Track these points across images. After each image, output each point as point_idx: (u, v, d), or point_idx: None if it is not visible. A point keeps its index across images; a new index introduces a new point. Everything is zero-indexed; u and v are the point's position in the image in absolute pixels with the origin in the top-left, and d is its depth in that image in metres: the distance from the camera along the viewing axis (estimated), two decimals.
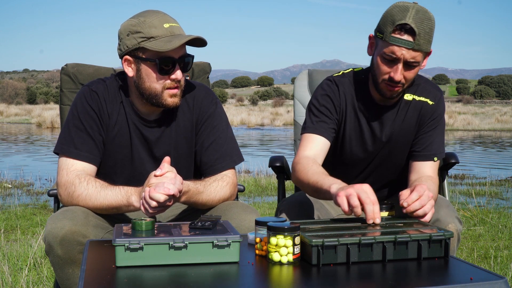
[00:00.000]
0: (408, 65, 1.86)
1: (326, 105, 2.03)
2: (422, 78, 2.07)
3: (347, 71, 2.11)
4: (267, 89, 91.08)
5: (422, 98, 2.02)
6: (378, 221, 1.54)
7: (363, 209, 1.55)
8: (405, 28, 1.80)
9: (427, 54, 1.89)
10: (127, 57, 1.84)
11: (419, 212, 1.64)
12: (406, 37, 1.80)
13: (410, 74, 1.88)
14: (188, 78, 2.53)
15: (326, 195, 1.75)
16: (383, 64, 1.88)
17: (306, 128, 2.03)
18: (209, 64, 2.61)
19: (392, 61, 1.85)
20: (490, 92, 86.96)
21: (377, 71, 1.91)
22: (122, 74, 1.96)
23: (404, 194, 1.67)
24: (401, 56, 1.82)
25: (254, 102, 57.94)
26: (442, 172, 2.34)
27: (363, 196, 1.55)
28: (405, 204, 1.64)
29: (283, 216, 1.92)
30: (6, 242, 4.01)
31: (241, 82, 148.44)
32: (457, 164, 2.33)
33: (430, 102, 2.02)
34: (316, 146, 1.99)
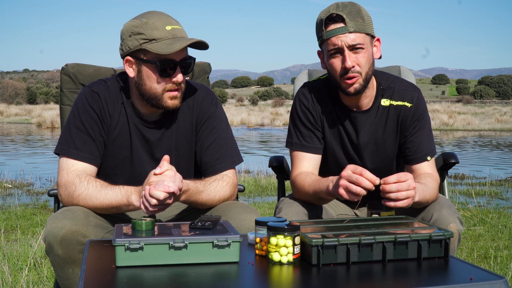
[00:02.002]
0: (355, 50, 1.88)
1: (308, 115, 2.05)
2: (396, 80, 2.07)
3: (323, 77, 2.12)
4: (267, 89, 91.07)
5: (400, 102, 2.03)
6: (377, 182, 1.65)
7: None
8: (332, 18, 1.86)
9: (372, 38, 1.93)
10: (129, 57, 1.84)
11: (392, 195, 1.66)
12: (336, 25, 1.86)
13: (361, 59, 1.89)
14: (188, 78, 2.53)
15: (330, 197, 1.86)
16: (333, 61, 1.91)
17: (294, 144, 2.06)
18: (209, 64, 2.61)
19: (338, 52, 1.89)
20: (490, 92, 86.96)
21: (332, 71, 1.93)
22: (123, 75, 1.96)
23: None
24: (342, 43, 1.86)
25: (254, 102, 57.89)
26: (442, 172, 2.34)
27: (353, 178, 1.65)
28: (381, 182, 1.67)
29: (282, 215, 1.92)
30: (6, 242, 4.01)
31: (241, 82, 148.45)
32: (457, 164, 2.33)
33: (408, 105, 2.02)
34: (308, 163, 2.04)
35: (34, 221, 5.03)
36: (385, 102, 2.03)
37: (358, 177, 1.64)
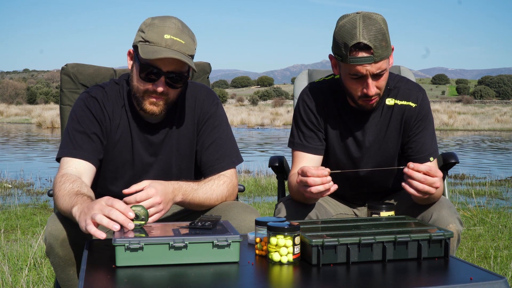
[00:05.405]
0: (377, 75, 1.86)
1: (310, 116, 2.05)
2: (402, 80, 2.07)
3: (328, 77, 2.11)
4: (267, 89, 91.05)
5: (404, 102, 2.02)
6: (326, 172, 1.72)
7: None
8: (360, 47, 1.79)
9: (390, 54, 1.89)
10: (131, 50, 1.87)
11: (414, 183, 1.68)
12: (363, 53, 1.79)
13: (382, 82, 1.89)
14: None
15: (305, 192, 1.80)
16: (352, 83, 1.89)
17: (295, 144, 2.07)
18: (209, 64, 2.61)
19: (360, 77, 1.86)
20: (490, 92, 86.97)
21: (350, 90, 1.92)
22: (127, 78, 1.96)
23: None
24: (367, 72, 1.83)
25: (254, 102, 57.85)
26: (442, 172, 2.34)
27: (309, 173, 1.71)
28: (411, 165, 1.69)
29: (282, 215, 1.92)
30: (6, 242, 4.01)
31: (241, 82, 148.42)
32: (457, 164, 2.33)
33: (413, 105, 2.02)
34: (307, 163, 2.03)
35: (34, 221, 5.03)
36: (389, 101, 2.03)
37: (309, 172, 1.70)
